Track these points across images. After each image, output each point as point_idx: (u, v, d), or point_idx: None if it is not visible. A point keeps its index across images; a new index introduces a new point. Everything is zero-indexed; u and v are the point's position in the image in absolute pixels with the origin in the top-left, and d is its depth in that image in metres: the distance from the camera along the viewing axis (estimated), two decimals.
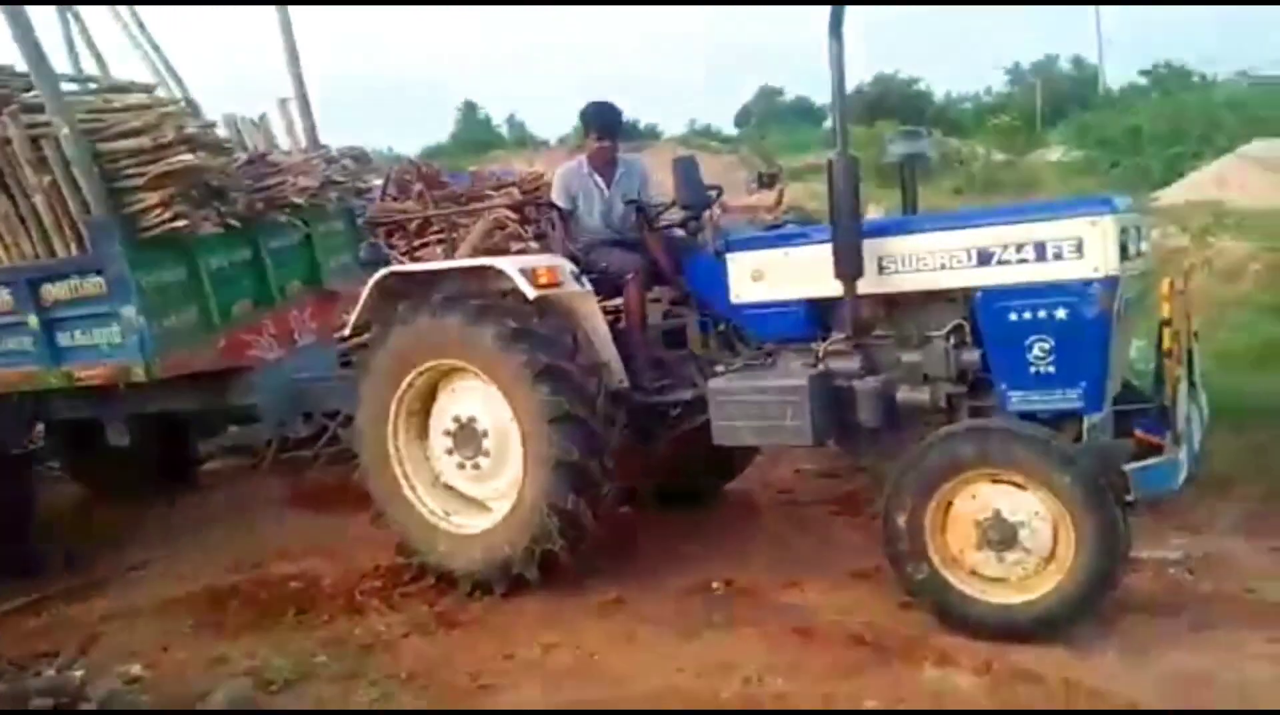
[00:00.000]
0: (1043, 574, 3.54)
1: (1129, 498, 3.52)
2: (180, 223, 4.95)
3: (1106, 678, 3.29)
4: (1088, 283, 3.60)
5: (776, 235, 4.61)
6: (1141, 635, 3.57)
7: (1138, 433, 3.82)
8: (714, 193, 4.80)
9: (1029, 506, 3.52)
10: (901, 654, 3.61)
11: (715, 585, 4.43)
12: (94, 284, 5.11)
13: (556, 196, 5.09)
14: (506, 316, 4.33)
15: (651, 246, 4.87)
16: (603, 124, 5.01)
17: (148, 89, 5.54)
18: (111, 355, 5.17)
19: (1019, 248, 3.70)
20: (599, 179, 5.04)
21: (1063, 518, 3.46)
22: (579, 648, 3.97)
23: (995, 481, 3.59)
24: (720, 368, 4.52)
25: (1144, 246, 3.96)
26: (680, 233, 5.03)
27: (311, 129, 6.68)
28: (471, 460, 4.63)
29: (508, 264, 4.49)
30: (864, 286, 3.93)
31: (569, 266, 4.55)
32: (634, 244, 4.97)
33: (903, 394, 4.00)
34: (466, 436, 4.62)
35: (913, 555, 3.69)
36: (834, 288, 3.97)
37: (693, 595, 4.37)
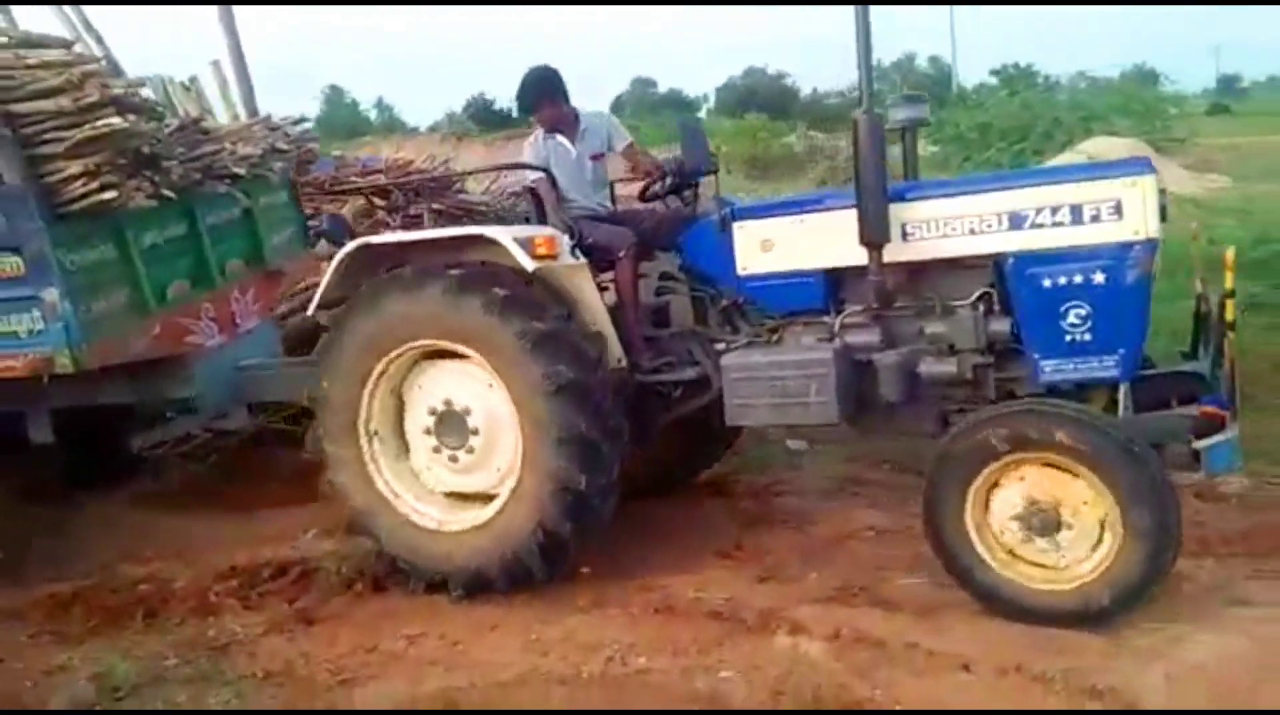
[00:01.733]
0: (1088, 561, 3.41)
1: (1196, 475, 3.52)
2: (109, 194, 4.40)
3: (944, 639, 3.49)
4: (1128, 246, 3.47)
5: (789, 202, 4.39)
6: None
7: (1202, 407, 3.55)
8: (715, 159, 4.55)
9: (1077, 493, 3.40)
10: (757, 626, 3.73)
11: (584, 569, 4.47)
12: (10, 264, 4.48)
13: (531, 160, 4.79)
14: (495, 284, 3.98)
15: (644, 218, 4.68)
16: (537, 94, 4.78)
17: (66, 44, 4.84)
18: (33, 344, 4.58)
19: (1054, 211, 3.55)
20: (563, 139, 4.79)
21: (1112, 506, 3.32)
22: (443, 637, 3.95)
23: (1044, 466, 3.45)
24: (721, 346, 4.29)
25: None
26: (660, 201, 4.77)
27: (250, 93, 6.18)
28: (457, 451, 4.25)
29: (501, 233, 4.12)
30: (887, 254, 3.74)
31: (565, 238, 4.26)
32: (623, 216, 4.79)
33: (926, 367, 3.79)
34: (450, 426, 4.25)
35: (957, 543, 3.58)
36: (851, 256, 3.80)
37: (560, 580, 4.40)
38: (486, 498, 4.30)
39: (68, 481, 6.00)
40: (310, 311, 4.83)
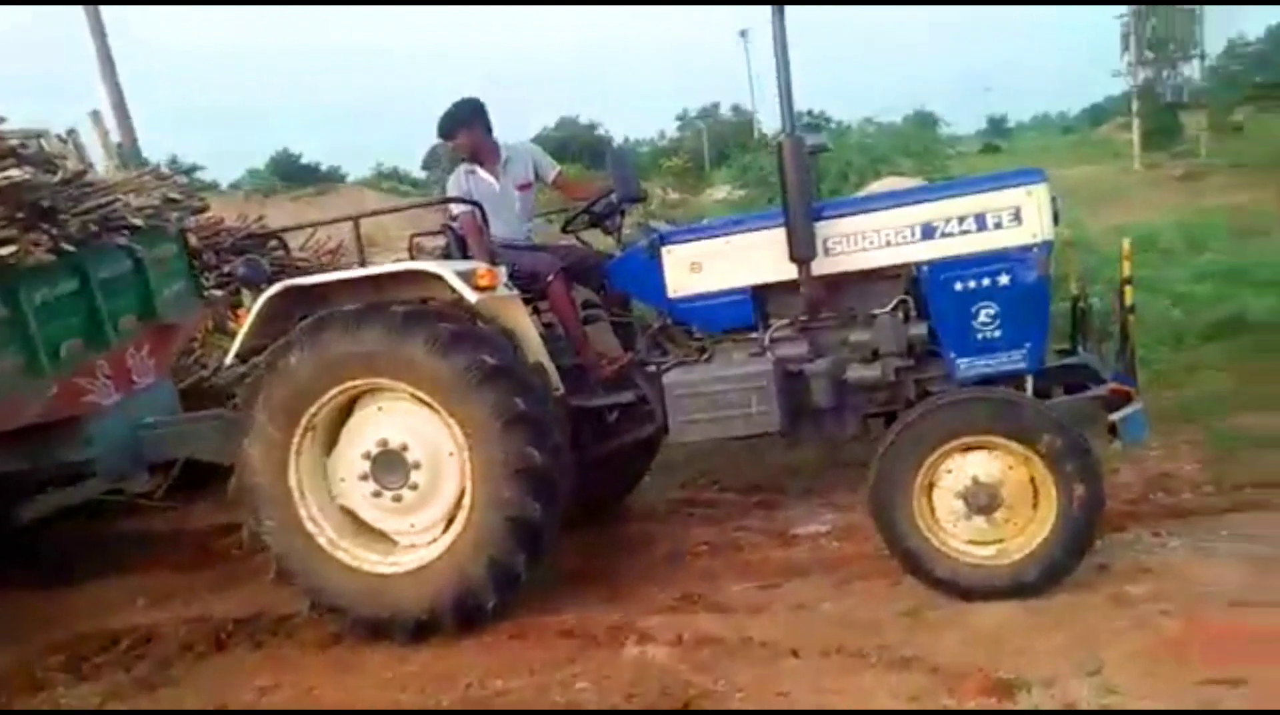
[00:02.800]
0: (1027, 533, 3.73)
1: (1114, 446, 3.85)
2: (6, 250, 4.24)
3: (774, 631, 3.86)
4: (1027, 248, 3.80)
5: (715, 224, 4.59)
6: (801, 594, 4.19)
7: (1112, 384, 3.91)
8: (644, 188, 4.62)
9: (1007, 470, 3.70)
10: (607, 641, 3.97)
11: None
12: None
13: (455, 194, 4.82)
14: (440, 320, 3.99)
15: (565, 250, 4.75)
16: (454, 122, 4.84)
17: None
18: None
19: (961, 220, 3.88)
20: (483, 173, 4.87)
21: (1045, 478, 3.64)
22: (296, 685, 3.99)
23: (971, 450, 3.72)
24: (652, 368, 4.40)
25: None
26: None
27: (133, 144, 5.85)
28: (393, 491, 4.17)
29: (442, 268, 4.12)
30: (813, 268, 3.97)
31: (502, 269, 4.28)
32: (546, 247, 4.85)
33: (853, 372, 4.04)
34: (391, 465, 4.16)
35: (905, 531, 3.80)
36: (777, 273, 4.02)
37: None
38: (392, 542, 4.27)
39: None
40: (228, 360, 4.65)
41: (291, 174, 45.98)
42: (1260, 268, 7.13)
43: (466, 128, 4.89)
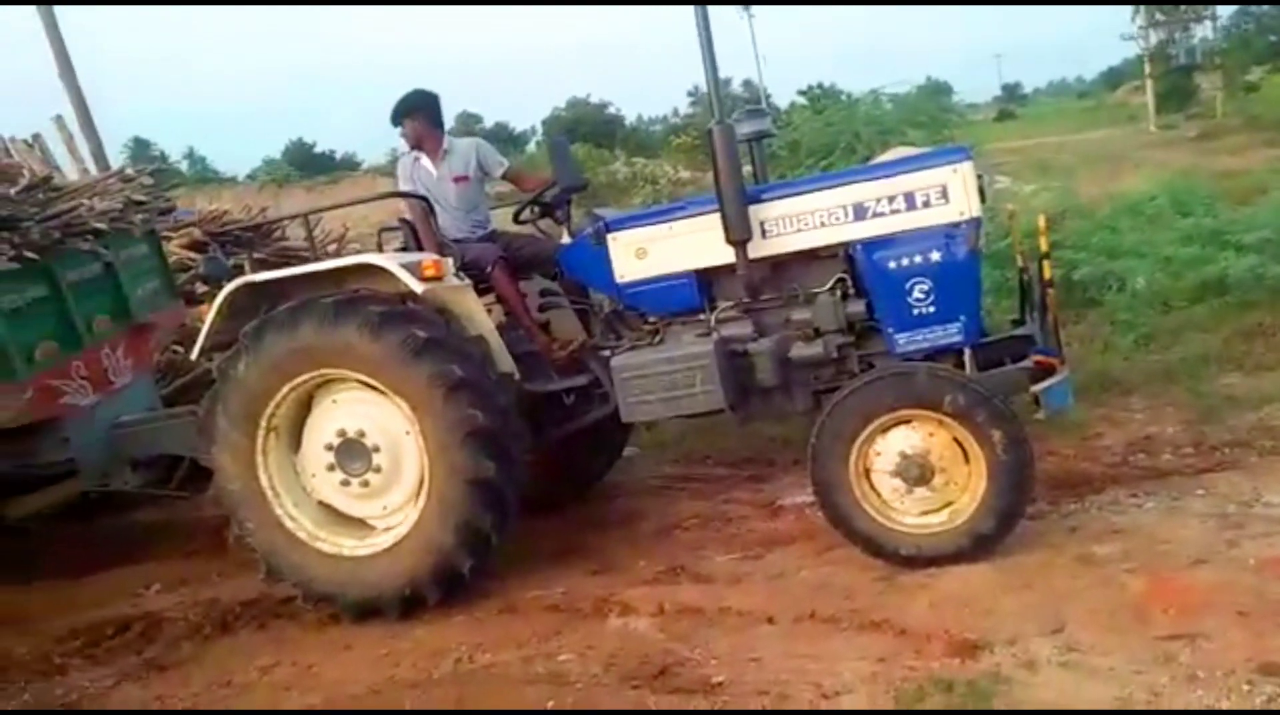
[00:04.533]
0: (970, 490, 3.83)
1: (1038, 415, 3.95)
2: None
3: (752, 600, 3.98)
4: (956, 225, 3.93)
5: (658, 210, 4.70)
6: (781, 563, 4.32)
7: (1036, 357, 4.01)
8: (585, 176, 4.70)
9: (928, 437, 3.82)
10: (592, 612, 4.12)
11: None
12: None
13: (403, 187, 4.97)
14: (414, 324, 4.09)
15: (518, 241, 4.88)
16: (402, 108, 4.97)
17: None
18: None
19: (890, 200, 3.99)
20: (425, 161, 5.00)
21: (963, 434, 3.76)
22: (296, 663, 4.14)
23: (889, 428, 3.86)
24: (606, 352, 4.49)
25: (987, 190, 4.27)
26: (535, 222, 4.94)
27: (99, 148, 6.00)
28: (359, 477, 4.30)
29: (386, 261, 4.27)
30: (751, 251, 4.07)
31: (449, 260, 4.39)
32: (490, 236, 4.99)
33: (796, 351, 4.17)
34: (353, 452, 4.29)
35: (858, 520, 3.91)
36: (719, 256, 4.13)
37: None
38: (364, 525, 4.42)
39: None
40: (195, 355, 4.80)
41: (306, 163, 46.31)
42: (1238, 227, 7.12)
43: (411, 116, 5.00)
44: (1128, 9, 32.53)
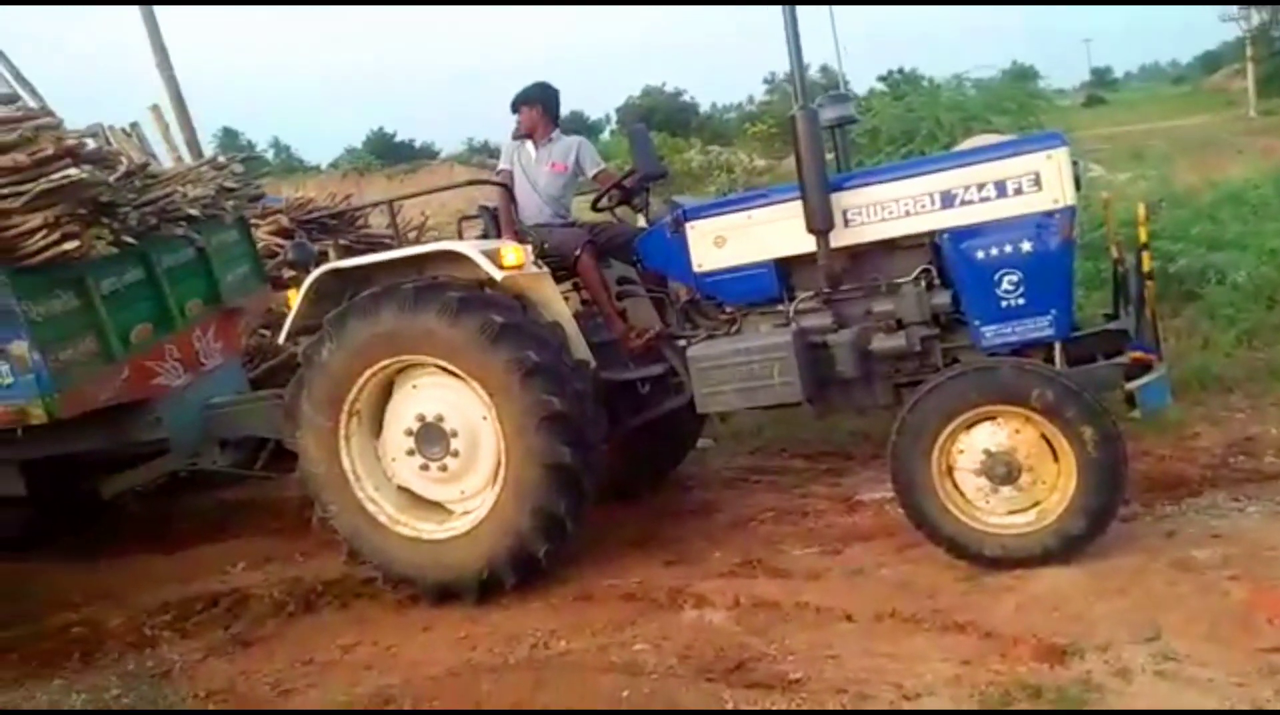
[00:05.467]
0: (1059, 488, 3.70)
1: (1134, 414, 3.81)
2: (70, 244, 4.47)
3: (830, 596, 3.91)
4: (1049, 214, 3.79)
5: (737, 198, 4.66)
6: (860, 559, 4.24)
7: (1133, 353, 3.88)
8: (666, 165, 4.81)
9: (1015, 434, 3.71)
10: (667, 603, 4.10)
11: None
12: None
13: (502, 166, 5.10)
14: (491, 309, 4.13)
15: (599, 227, 4.89)
16: (524, 97, 5.03)
17: (11, 100, 4.95)
18: (4, 397, 4.60)
19: (980, 187, 3.87)
20: (529, 146, 5.05)
21: (1052, 431, 3.64)
22: (376, 643, 4.21)
23: (974, 425, 3.75)
24: (683, 342, 4.47)
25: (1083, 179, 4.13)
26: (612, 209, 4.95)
27: (193, 136, 6.19)
28: (438, 462, 4.36)
29: (467, 248, 4.32)
30: (832, 240, 4.00)
31: (528, 247, 4.42)
32: (572, 223, 5.00)
33: (878, 343, 4.09)
34: (431, 436, 4.36)
35: (941, 521, 3.82)
36: (799, 245, 4.07)
37: None
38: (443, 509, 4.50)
39: (28, 534, 5.92)
40: (281, 339, 4.94)
41: (386, 152, 47.15)
42: None
43: (529, 104, 5.07)
44: None
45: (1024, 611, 3.53)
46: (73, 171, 4.47)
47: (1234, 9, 31.52)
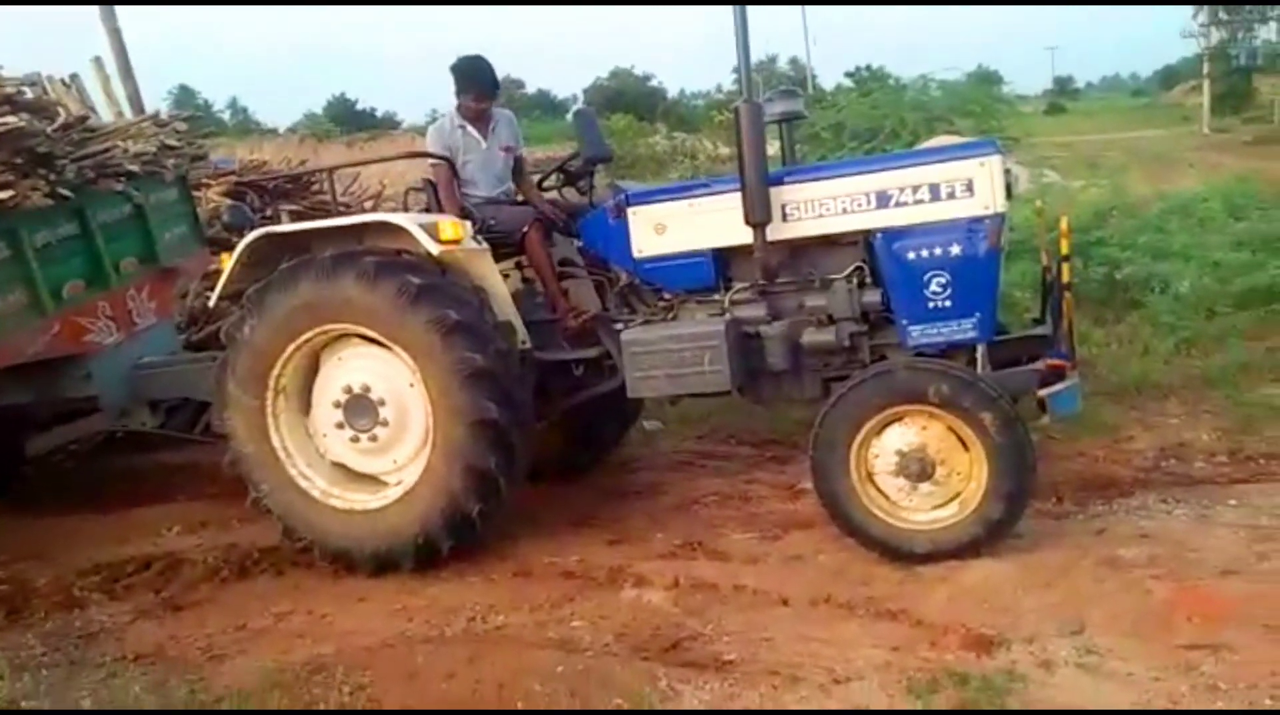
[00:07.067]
0: (975, 477, 3.78)
1: (1045, 420, 3.91)
2: (4, 194, 4.38)
3: (768, 580, 3.95)
4: (979, 219, 3.85)
5: (679, 186, 4.64)
6: (799, 546, 4.28)
7: (1049, 360, 3.97)
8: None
9: (922, 431, 3.79)
10: (606, 581, 4.11)
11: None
12: None
13: (433, 149, 4.87)
14: (409, 272, 4.10)
15: (539, 203, 4.84)
16: (480, 80, 4.86)
17: None
18: None
19: (915, 189, 3.92)
20: (473, 130, 4.89)
21: (956, 422, 3.73)
22: (310, 612, 4.17)
23: (883, 428, 3.83)
24: (620, 325, 4.47)
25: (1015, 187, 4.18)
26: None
27: (135, 92, 6.01)
28: (367, 433, 4.34)
29: (404, 220, 4.28)
30: (769, 233, 4.02)
31: (468, 223, 4.39)
32: (522, 202, 4.94)
33: (808, 336, 4.13)
34: (359, 408, 4.34)
35: (869, 525, 3.89)
36: (738, 237, 4.08)
37: None
38: (377, 481, 4.46)
39: None
40: (212, 303, 4.85)
41: (347, 119, 46.46)
42: None
43: (477, 94, 4.86)
44: (1189, 7, 31.82)
45: (954, 602, 3.60)
46: (10, 119, 4.38)
47: (1195, 25, 32.19)
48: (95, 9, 5.83)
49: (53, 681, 3.73)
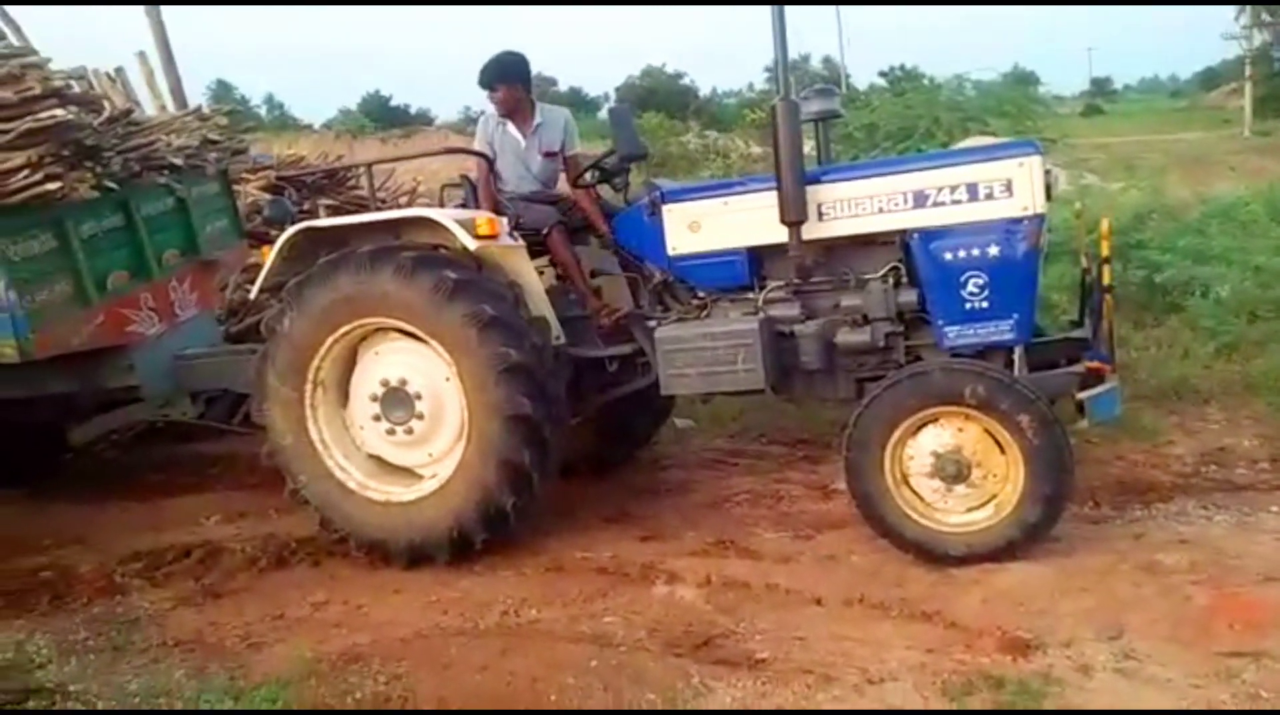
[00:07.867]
0: (1011, 479, 3.75)
1: (1083, 424, 3.87)
2: (52, 185, 4.46)
3: (801, 579, 3.95)
4: (1018, 220, 3.82)
5: (715, 184, 4.67)
6: (832, 545, 4.27)
7: (1088, 362, 3.96)
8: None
9: (958, 432, 3.78)
10: (638, 577, 4.13)
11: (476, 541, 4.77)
12: None
13: (478, 146, 4.96)
14: (446, 267, 4.16)
15: (580, 201, 4.86)
16: (499, 72, 4.85)
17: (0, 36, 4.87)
18: None
19: (953, 189, 3.89)
20: (513, 129, 4.92)
21: (992, 424, 3.71)
22: (346, 602, 4.22)
23: (918, 430, 3.82)
24: (653, 323, 4.48)
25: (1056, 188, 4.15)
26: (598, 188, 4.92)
27: (178, 85, 6.12)
28: (403, 426, 4.39)
29: (442, 215, 4.32)
30: (804, 232, 4.02)
31: (504, 220, 4.42)
32: (552, 199, 4.95)
33: (843, 336, 4.13)
34: (396, 401, 4.39)
35: (904, 527, 3.88)
36: (773, 235, 4.08)
37: None
38: (412, 474, 4.51)
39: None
40: (253, 295, 4.94)
41: (381, 115, 46.82)
42: None
43: (507, 83, 4.89)
44: (1231, 8, 31.29)
45: (990, 605, 3.58)
46: (59, 112, 4.44)
47: (1237, 27, 31.65)
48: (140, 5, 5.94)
49: (98, 666, 3.80)
